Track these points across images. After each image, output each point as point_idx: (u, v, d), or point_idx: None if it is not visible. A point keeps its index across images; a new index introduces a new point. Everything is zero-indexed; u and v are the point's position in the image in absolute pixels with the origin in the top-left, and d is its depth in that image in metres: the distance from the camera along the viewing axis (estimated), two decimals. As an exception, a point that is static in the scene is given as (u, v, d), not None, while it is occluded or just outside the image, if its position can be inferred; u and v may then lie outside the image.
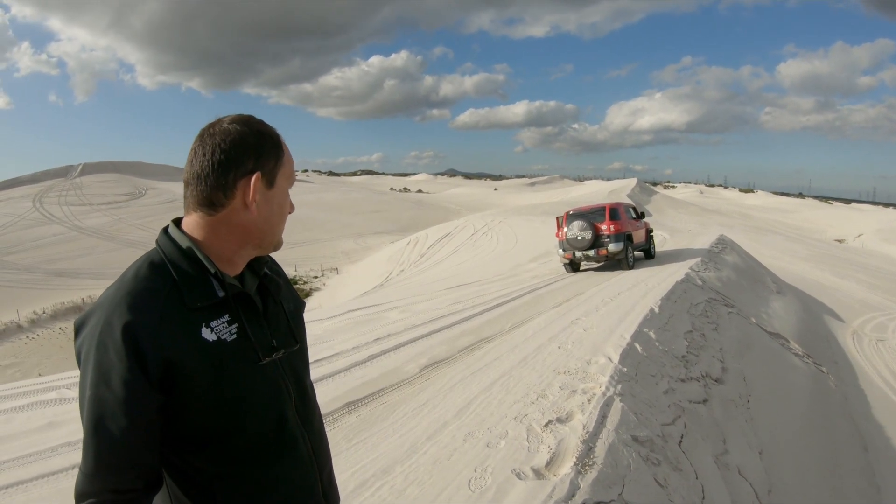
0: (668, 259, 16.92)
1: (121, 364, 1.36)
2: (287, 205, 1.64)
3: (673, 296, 9.79)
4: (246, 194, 1.51)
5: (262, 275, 1.71)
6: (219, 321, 1.50)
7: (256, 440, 1.54)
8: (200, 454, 1.49)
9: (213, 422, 1.47)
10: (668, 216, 53.55)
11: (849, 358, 12.58)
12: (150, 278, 1.47)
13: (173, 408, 1.44)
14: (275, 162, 1.57)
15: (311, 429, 1.69)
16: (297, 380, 1.69)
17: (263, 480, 1.54)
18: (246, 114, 1.61)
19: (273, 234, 1.61)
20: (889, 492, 6.43)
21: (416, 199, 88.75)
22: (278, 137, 1.60)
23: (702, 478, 4.26)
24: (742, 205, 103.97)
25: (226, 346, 1.49)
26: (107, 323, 1.39)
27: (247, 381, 1.52)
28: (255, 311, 1.61)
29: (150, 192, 64.45)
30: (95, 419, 1.38)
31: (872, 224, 69.74)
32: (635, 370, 5.70)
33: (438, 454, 4.41)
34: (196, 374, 1.43)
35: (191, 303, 1.47)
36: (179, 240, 1.55)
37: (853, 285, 25.31)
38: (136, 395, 1.37)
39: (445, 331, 10.03)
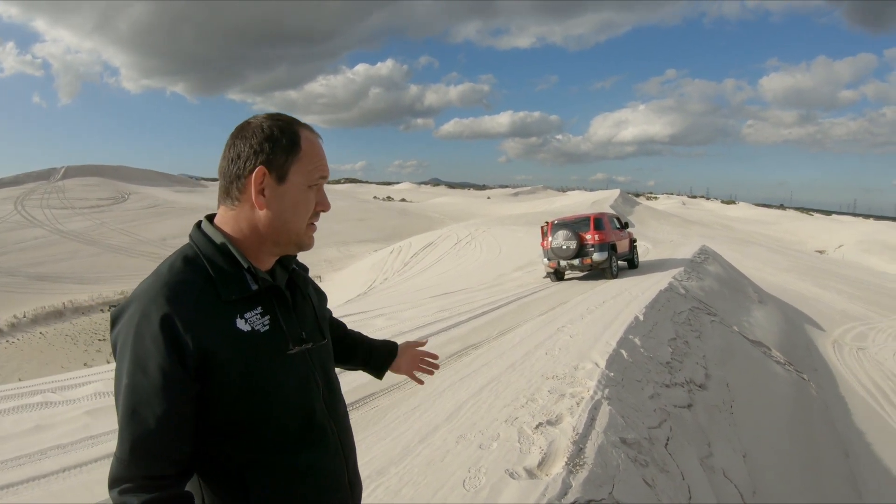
0: (652, 269, 17.08)
1: (158, 353, 1.40)
2: (307, 202, 1.63)
3: (657, 304, 9.92)
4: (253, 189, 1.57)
5: (292, 269, 1.76)
6: (252, 313, 1.54)
7: (286, 429, 1.57)
8: (232, 442, 1.52)
9: (244, 410, 1.51)
10: (650, 227, 53.81)
11: (829, 366, 12.77)
12: (185, 271, 1.52)
13: (207, 396, 1.48)
14: (286, 157, 1.58)
15: (337, 420, 1.73)
16: (325, 372, 1.73)
17: (293, 469, 1.57)
18: (277, 112, 1.65)
19: (288, 231, 1.62)
20: (870, 496, 6.57)
21: (400, 208, 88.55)
22: (296, 133, 1.61)
23: (688, 479, 4.36)
24: (724, 216, 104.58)
25: (259, 336, 1.53)
26: (144, 313, 1.43)
27: (278, 371, 1.56)
28: (285, 303, 1.65)
29: (132, 196, 63.83)
30: (132, 407, 1.42)
31: (853, 235, 70.45)
32: (622, 375, 5.79)
33: (432, 456, 4.47)
34: (230, 363, 1.47)
35: (225, 296, 1.51)
36: (213, 235, 1.60)
37: (834, 296, 25.56)
38: (173, 384, 1.41)
39: (432, 338, 10.06)
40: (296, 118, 1.66)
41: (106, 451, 5.77)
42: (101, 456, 5.73)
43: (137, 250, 46.73)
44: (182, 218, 57.55)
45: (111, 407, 7.08)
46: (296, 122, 1.64)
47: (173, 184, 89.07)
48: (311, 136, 1.64)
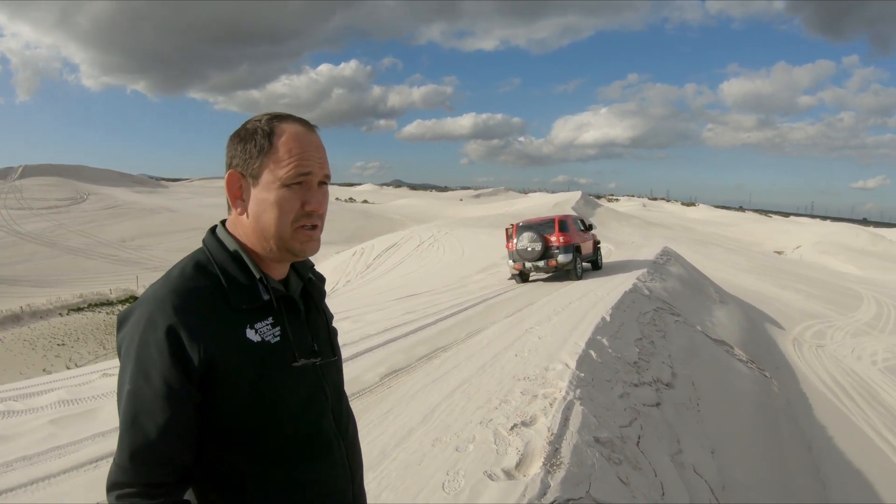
0: (615, 270, 17.28)
1: (162, 361, 1.38)
2: (286, 202, 1.52)
3: (622, 305, 10.05)
4: (229, 194, 1.56)
5: (307, 279, 1.73)
6: (263, 323, 1.51)
7: (292, 441, 1.54)
8: (235, 452, 1.49)
9: (250, 421, 1.48)
10: (612, 229, 54.35)
11: (790, 363, 13.04)
12: (196, 278, 1.48)
13: (212, 406, 1.45)
14: (259, 156, 1.51)
15: (346, 435, 1.70)
16: (335, 387, 1.70)
17: (296, 482, 1.54)
18: (275, 111, 1.59)
19: (270, 235, 1.54)
20: (834, 488, 6.74)
21: (362, 210, 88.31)
22: (271, 129, 1.53)
23: (660, 476, 4.45)
24: (684, 218, 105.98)
25: (269, 347, 1.50)
26: (150, 319, 1.40)
27: (286, 382, 1.53)
28: (297, 315, 1.63)
29: (91, 197, 62.81)
30: (133, 413, 1.40)
31: (810, 237, 72.02)
32: (592, 376, 5.87)
33: (409, 459, 4.49)
34: (238, 373, 1.45)
35: (236, 304, 1.48)
36: (227, 241, 1.57)
37: (793, 295, 26.12)
38: (175, 393, 1.39)
39: (401, 340, 10.10)
40: (290, 113, 1.59)
41: (74, 462, 5.66)
42: (70, 467, 5.62)
43: (96, 252, 46.07)
44: (141, 219, 56.80)
45: (76, 416, 7.00)
46: (280, 116, 1.57)
47: (133, 184, 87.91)
48: (294, 130, 1.54)
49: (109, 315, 33.24)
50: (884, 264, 53.63)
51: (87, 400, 7.65)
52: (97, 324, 31.09)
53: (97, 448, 5.91)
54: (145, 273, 42.51)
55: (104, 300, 35.70)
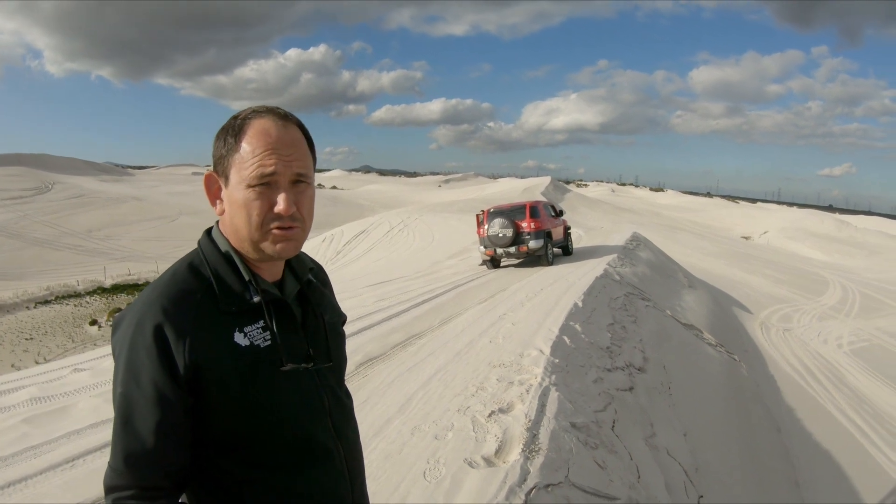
0: (586, 255, 17.37)
1: (151, 365, 1.37)
2: (253, 204, 1.44)
3: (594, 291, 10.15)
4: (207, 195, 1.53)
5: (306, 282, 1.68)
6: (253, 326, 1.48)
7: (288, 448, 1.52)
8: (230, 457, 1.48)
9: (242, 426, 1.46)
10: (581, 214, 54.55)
11: (758, 347, 13.31)
12: (187, 280, 1.46)
13: (203, 410, 1.44)
14: (228, 156, 1.46)
15: (345, 441, 1.65)
16: (334, 392, 1.66)
17: (294, 489, 1.51)
18: (262, 103, 1.53)
19: (242, 237, 1.49)
20: (803, 468, 6.93)
21: (331, 196, 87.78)
22: (241, 127, 1.46)
23: (636, 459, 4.54)
24: (653, 203, 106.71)
25: (259, 351, 1.47)
26: (139, 323, 1.39)
27: (278, 388, 1.50)
28: (292, 318, 1.58)
29: (56, 186, 61.71)
30: (124, 417, 1.39)
31: (777, 222, 72.96)
32: (566, 361, 5.95)
33: (388, 449, 4.52)
34: (227, 378, 1.42)
35: (225, 307, 1.46)
36: (220, 242, 1.54)
37: (760, 280, 26.54)
38: (165, 396, 1.38)
39: (375, 328, 10.10)
40: (273, 107, 1.51)
41: (50, 462, 5.59)
42: (46, 467, 5.53)
43: (63, 243, 45.37)
44: (107, 209, 56.00)
45: (49, 413, 6.93)
46: (258, 111, 1.50)
47: (99, 172, 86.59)
48: (262, 126, 1.46)
49: (77, 307, 32.82)
50: (849, 250, 54.63)
51: (60, 397, 7.57)
52: (65, 316, 30.71)
53: (73, 447, 5.85)
54: (113, 263, 41.97)
55: (71, 292, 35.22)
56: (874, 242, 59.35)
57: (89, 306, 33.36)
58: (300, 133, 1.52)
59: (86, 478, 5.11)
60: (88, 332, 28.37)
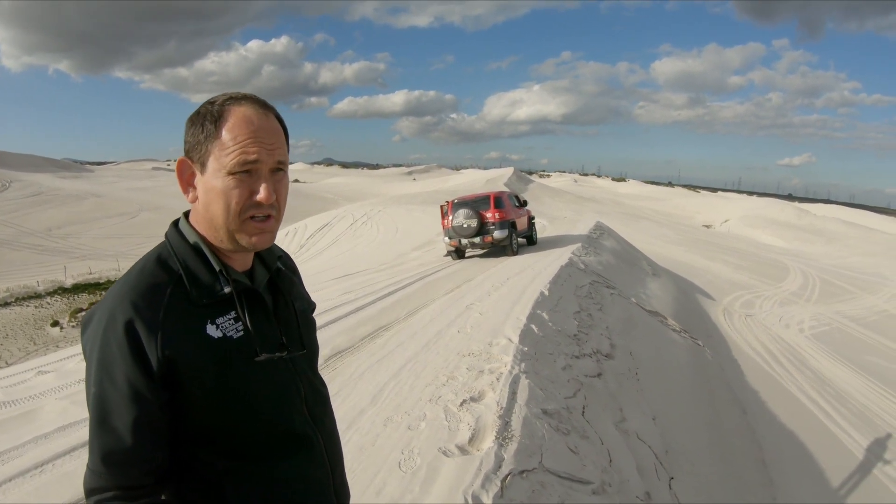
0: (550, 245, 17.48)
1: (123, 361, 1.35)
2: (233, 191, 1.43)
3: (559, 279, 10.23)
4: (179, 181, 1.50)
5: (275, 270, 1.68)
6: (225, 318, 1.47)
7: (266, 437, 1.52)
8: (209, 450, 1.47)
9: (220, 418, 1.46)
10: (545, 204, 54.80)
11: (721, 332, 13.54)
12: (156, 273, 1.44)
13: (179, 404, 1.42)
14: (206, 142, 1.44)
15: (323, 428, 1.66)
16: (309, 380, 1.67)
17: (274, 478, 1.52)
18: (236, 90, 1.52)
19: (219, 225, 1.47)
20: (769, 447, 7.08)
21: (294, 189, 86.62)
22: (221, 113, 1.44)
23: (607, 443, 4.61)
24: (615, 193, 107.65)
25: (231, 342, 1.46)
26: (110, 319, 1.37)
27: (253, 378, 1.50)
28: (263, 307, 1.58)
29: (14, 184, 60.41)
30: (100, 416, 1.38)
31: (738, 211, 74.15)
32: (534, 349, 6.00)
33: (362, 441, 4.51)
34: (201, 370, 1.41)
35: (196, 299, 1.44)
36: (188, 234, 1.52)
37: (722, 267, 26.94)
38: (140, 392, 1.36)
39: (342, 321, 10.04)
40: (249, 94, 1.49)
41: (18, 469, 5.45)
42: (15, 474, 5.36)
43: (22, 242, 44.48)
44: (67, 206, 55.03)
45: (14, 418, 6.80)
46: (235, 98, 1.48)
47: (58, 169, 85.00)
48: (243, 113, 1.44)
49: (38, 309, 32.17)
50: (808, 237, 55.75)
51: (25, 401, 7.42)
52: (26, 318, 30.13)
53: (41, 451, 5.72)
54: (73, 262, 41.18)
55: (32, 293, 34.52)
56: (833, 230, 60.63)
57: (50, 307, 32.75)
58: (278, 122, 1.51)
59: (57, 482, 5.02)
60: (50, 334, 27.87)
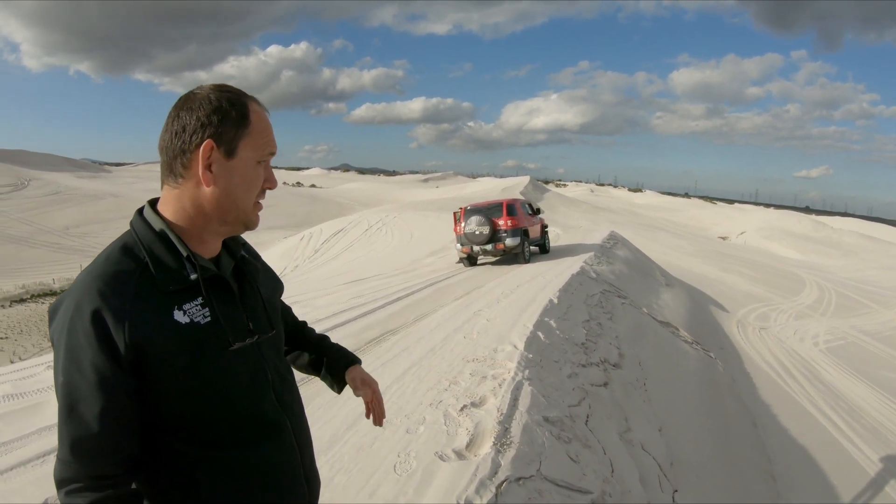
0: (563, 254, 17.37)
1: (91, 349, 1.36)
2: (256, 178, 1.56)
3: (570, 288, 10.16)
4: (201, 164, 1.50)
5: (240, 257, 1.70)
6: (192, 304, 1.49)
7: (236, 424, 1.54)
8: (179, 438, 1.48)
9: (189, 406, 1.47)
10: (560, 213, 54.69)
11: (734, 344, 13.37)
12: (122, 262, 1.46)
13: (149, 392, 1.44)
14: (236, 130, 1.50)
15: (291, 413, 1.69)
16: (276, 364, 1.69)
17: (246, 464, 1.54)
18: (223, 83, 1.57)
19: (237, 209, 1.55)
20: (779, 461, 6.96)
21: (310, 194, 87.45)
22: (245, 105, 1.53)
23: (609, 453, 4.52)
24: (631, 203, 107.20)
25: (199, 328, 1.48)
26: (77, 307, 1.38)
27: (223, 364, 1.52)
28: (230, 294, 1.61)
29: (33, 182, 60.89)
30: (68, 405, 1.38)
31: (754, 223, 73.42)
32: (540, 357, 5.94)
33: (360, 442, 4.48)
34: (169, 357, 1.42)
35: (163, 286, 1.46)
36: (153, 221, 1.53)
37: (737, 279, 26.66)
38: (108, 380, 1.37)
39: (350, 324, 10.03)
40: (244, 90, 1.58)
41: (21, 458, 5.50)
42: (17, 463, 5.47)
43: (39, 240, 44.79)
44: (85, 205, 55.43)
45: (21, 410, 6.83)
46: (244, 94, 1.57)
47: (76, 169, 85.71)
48: (260, 110, 1.56)
49: (53, 305, 32.38)
50: (825, 250, 55.19)
51: (32, 394, 7.45)
52: (41, 315, 30.29)
53: (44, 443, 5.77)
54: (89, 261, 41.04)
55: (47, 290, 34.76)
56: (850, 243, 60.01)
57: (64, 304, 32.95)
58: None
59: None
60: (63, 331, 28.03)
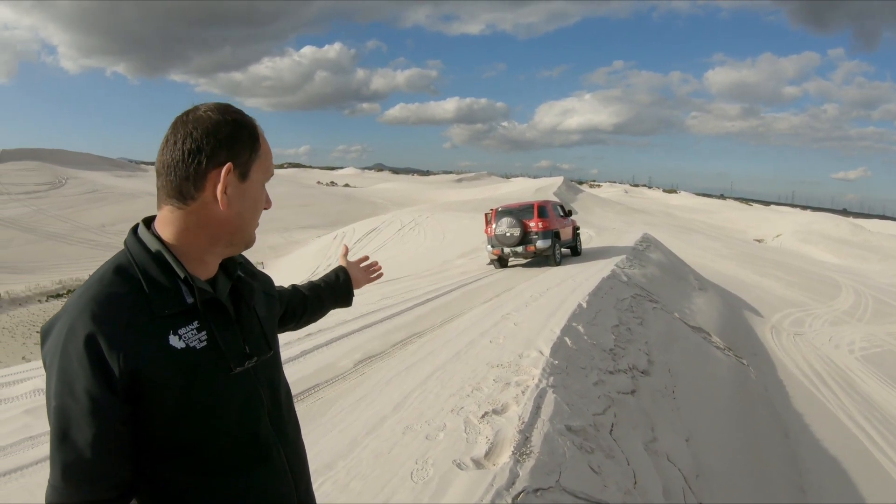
0: (595, 256, 17.21)
1: (84, 375, 1.32)
2: (262, 200, 1.57)
3: (600, 291, 10.03)
4: (216, 187, 1.44)
5: (236, 277, 1.66)
6: (188, 328, 1.45)
7: (229, 450, 1.50)
8: (171, 464, 1.45)
9: (183, 432, 1.44)
10: (594, 214, 54.36)
11: (768, 351, 13.13)
12: (116, 283, 1.41)
13: (142, 418, 1.40)
14: (250, 154, 1.49)
15: (285, 438, 1.65)
16: (272, 387, 1.65)
17: (236, 491, 1.50)
18: (223, 102, 1.53)
19: (245, 230, 1.54)
20: (810, 474, 6.79)
21: (344, 194, 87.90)
22: (255, 128, 1.52)
23: (633, 464, 4.42)
24: (666, 204, 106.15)
25: (195, 353, 1.44)
26: (70, 330, 1.34)
27: (218, 389, 1.49)
28: (226, 317, 1.56)
29: (71, 181, 61.94)
30: (61, 430, 1.35)
31: (790, 225, 72.22)
32: (566, 363, 5.85)
33: (379, 448, 4.45)
34: (164, 383, 1.39)
35: (158, 310, 1.42)
36: (149, 242, 1.49)
37: (772, 283, 26.25)
38: (101, 406, 1.34)
39: (377, 325, 10.05)
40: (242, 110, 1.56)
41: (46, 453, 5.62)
42: (42, 457, 5.57)
43: (76, 237, 45.48)
44: (121, 204, 56.17)
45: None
46: (247, 115, 1.55)
47: (113, 168, 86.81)
48: (263, 132, 1.56)
49: (87, 301, 32.87)
50: (863, 254, 54.03)
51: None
52: (77, 309, 30.88)
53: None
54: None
55: (83, 286, 35.34)
56: (889, 247, 58.70)
57: (100, 300, 33.46)
58: None
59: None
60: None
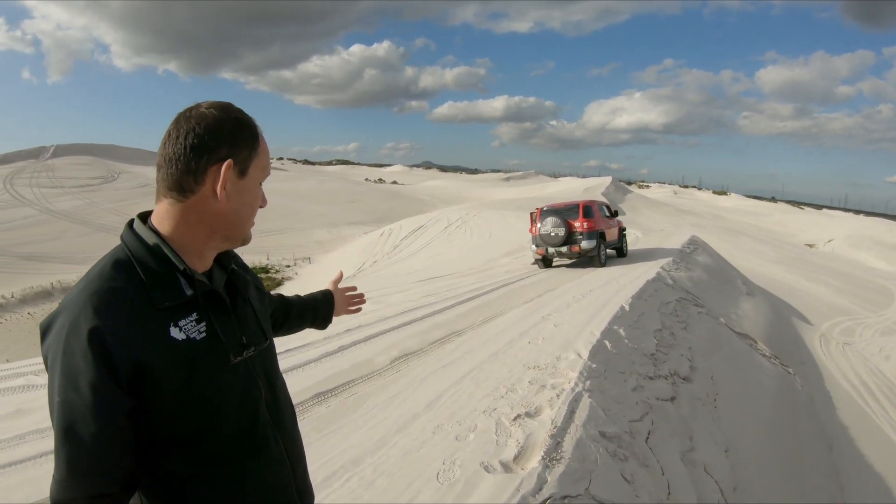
0: (640, 258, 17.01)
1: (88, 368, 1.33)
2: (259, 198, 1.60)
3: (644, 294, 9.88)
4: (216, 182, 1.47)
5: (231, 270, 1.68)
6: (187, 320, 1.47)
7: (228, 440, 1.52)
8: (172, 456, 1.46)
9: (184, 423, 1.45)
10: (642, 215, 53.87)
11: (815, 360, 12.79)
12: (115, 278, 1.42)
13: (145, 410, 1.41)
14: (249, 152, 1.52)
15: (282, 428, 1.66)
16: (268, 377, 1.67)
17: (236, 481, 1.52)
18: (225, 101, 1.56)
19: (242, 226, 1.57)
20: (852, 490, 6.57)
21: (392, 191, 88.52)
22: (255, 127, 1.55)
23: (668, 474, 4.31)
24: (715, 206, 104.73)
25: (195, 344, 1.46)
26: (73, 326, 1.35)
27: (218, 380, 1.50)
28: (223, 308, 1.58)
29: (123, 175, 63.58)
30: (65, 425, 1.35)
31: (843, 230, 70.57)
32: (604, 367, 5.75)
33: (408, 446, 4.42)
34: (166, 374, 1.40)
35: (158, 303, 1.43)
36: (146, 236, 1.51)
37: (822, 289, 25.66)
38: (106, 400, 1.35)
39: (417, 323, 10.04)
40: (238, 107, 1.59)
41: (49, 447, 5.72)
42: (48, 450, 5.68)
43: (127, 230, 46.79)
44: (171, 197, 57.57)
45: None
46: (243, 112, 1.57)
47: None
48: (262, 133, 1.60)
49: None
50: (917, 261, 52.52)
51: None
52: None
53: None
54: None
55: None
56: (944, 254, 57.03)
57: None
58: None
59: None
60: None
